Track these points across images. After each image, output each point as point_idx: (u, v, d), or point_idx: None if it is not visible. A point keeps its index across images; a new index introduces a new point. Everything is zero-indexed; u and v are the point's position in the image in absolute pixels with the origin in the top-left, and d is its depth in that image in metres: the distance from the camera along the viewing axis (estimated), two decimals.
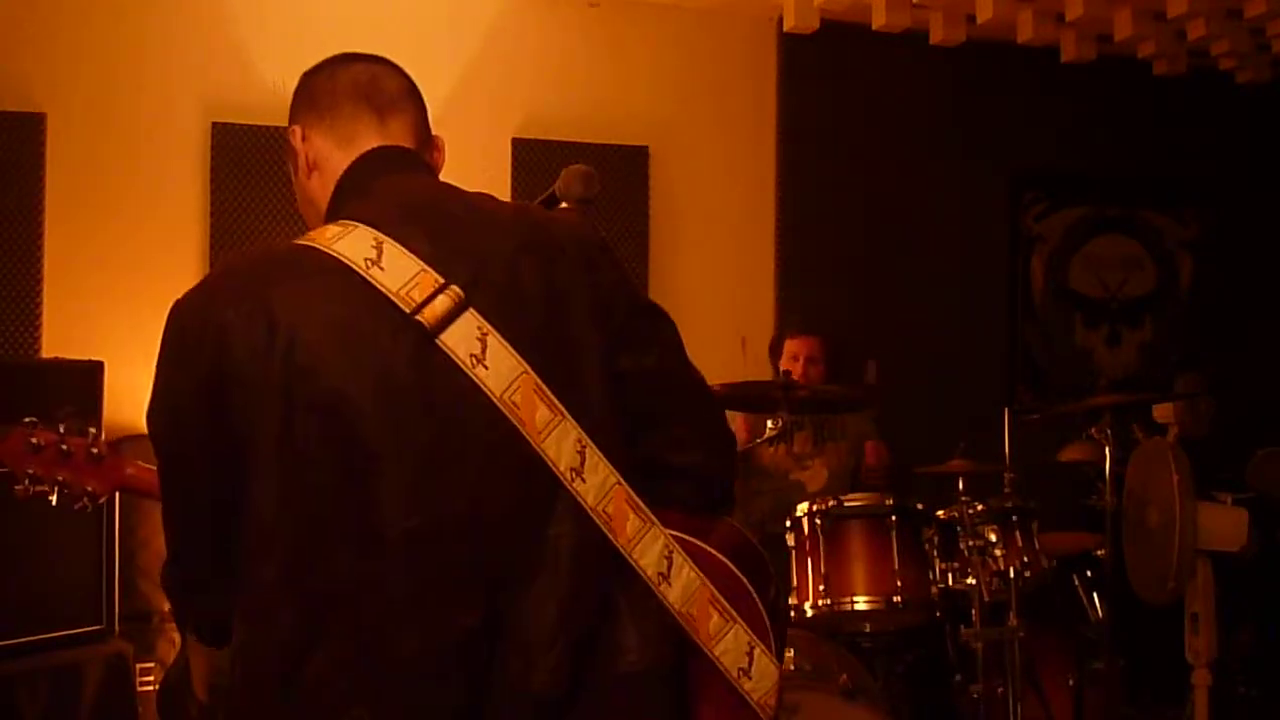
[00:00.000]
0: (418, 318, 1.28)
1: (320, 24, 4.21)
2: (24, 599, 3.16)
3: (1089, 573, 3.97)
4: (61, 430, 1.68)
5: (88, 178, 3.95)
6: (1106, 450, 3.70)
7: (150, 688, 3.53)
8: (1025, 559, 3.41)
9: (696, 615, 1.37)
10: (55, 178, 3.88)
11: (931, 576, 3.31)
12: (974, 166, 5.08)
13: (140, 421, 1.75)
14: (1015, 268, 5.33)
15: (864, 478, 4.14)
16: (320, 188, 1.49)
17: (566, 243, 1.42)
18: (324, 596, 1.26)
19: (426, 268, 1.31)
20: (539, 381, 1.30)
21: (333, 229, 1.36)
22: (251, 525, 1.29)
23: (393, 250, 1.31)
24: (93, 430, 1.71)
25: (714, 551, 1.43)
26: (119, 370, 3.51)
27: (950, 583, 3.33)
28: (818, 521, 3.27)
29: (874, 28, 4.37)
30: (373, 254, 1.31)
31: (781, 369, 4.30)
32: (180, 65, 4.07)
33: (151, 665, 3.62)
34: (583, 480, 1.31)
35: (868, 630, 3.41)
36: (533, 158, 4.42)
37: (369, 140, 1.48)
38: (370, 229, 1.33)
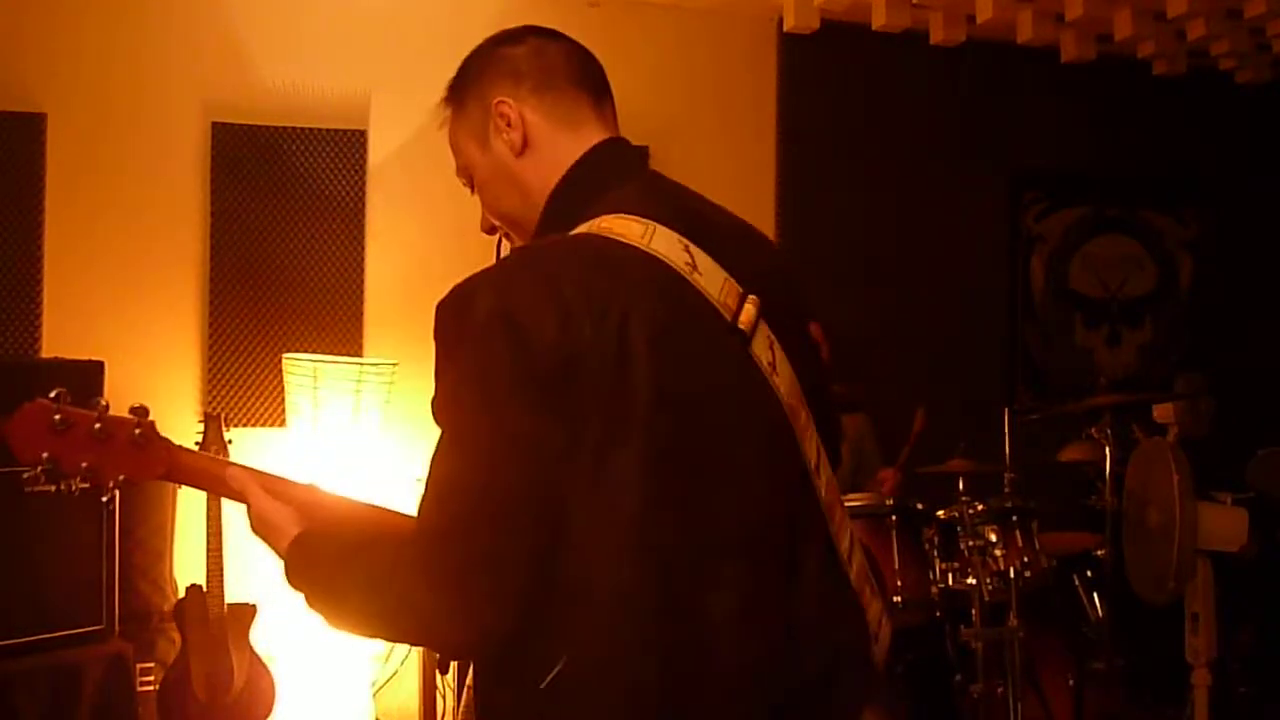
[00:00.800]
0: (738, 325, 1.30)
1: (320, 24, 4.21)
2: (24, 599, 3.16)
3: (1089, 573, 3.98)
4: (101, 407, 1.44)
5: (88, 178, 3.95)
6: (1106, 450, 3.71)
7: (150, 688, 3.52)
8: (1025, 559, 3.41)
9: (861, 590, 1.44)
10: (55, 178, 3.88)
11: (931, 576, 3.31)
12: (974, 166, 5.09)
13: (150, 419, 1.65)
14: (1015, 268, 5.33)
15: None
16: (535, 169, 1.41)
17: (787, 260, 1.54)
18: (679, 605, 1.24)
19: (729, 276, 1.31)
20: (799, 387, 1.36)
21: (635, 225, 1.29)
22: (607, 527, 1.21)
23: (701, 256, 1.31)
24: (138, 407, 1.46)
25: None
26: (119, 370, 3.52)
27: (950, 583, 3.33)
28: None
29: (874, 28, 4.37)
30: (688, 257, 1.29)
31: None
32: (180, 65, 4.06)
33: (151, 665, 3.62)
34: (819, 476, 1.38)
35: None
36: None
37: (592, 127, 1.45)
38: (669, 230, 1.30)
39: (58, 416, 1.40)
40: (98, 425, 1.43)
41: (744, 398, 1.32)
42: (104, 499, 1.51)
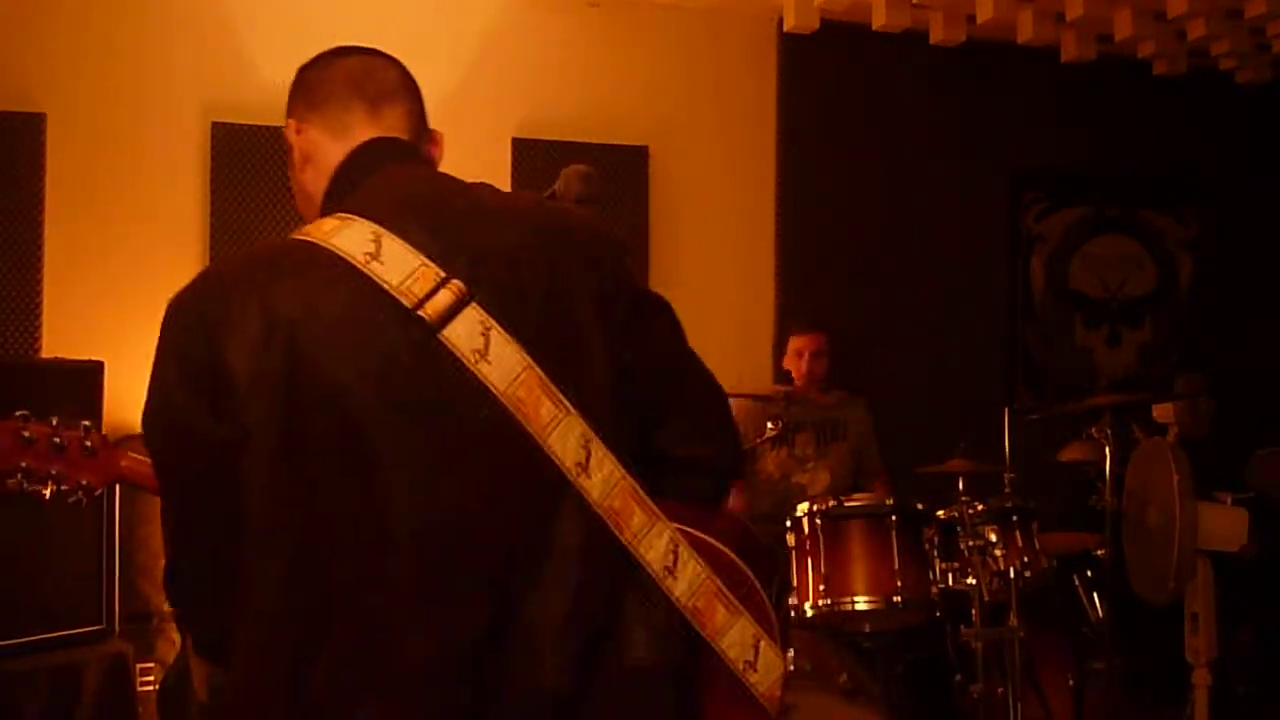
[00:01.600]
0: (420, 312, 1.26)
1: (319, 24, 4.20)
2: (24, 599, 3.16)
3: (1089, 573, 3.97)
4: (54, 423, 1.66)
5: (88, 178, 3.95)
6: (1106, 450, 3.70)
7: (150, 688, 3.53)
8: (1025, 559, 3.41)
9: (703, 608, 1.36)
10: (55, 178, 3.89)
11: (931, 576, 3.31)
12: (974, 166, 5.08)
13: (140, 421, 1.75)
14: (1015, 268, 5.33)
15: None
16: (314, 181, 1.47)
17: (569, 235, 1.40)
18: (330, 598, 1.24)
19: (427, 262, 1.28)
20: (543, 376, 1.29)
21: (330, 223, 1.33)
22: (251, 527, 1.25)
23: (392, 244, 1.29)
24: (86, 423, 1.69)
25: (718, 544, 1.42)
26: (119, 370, 3.51)
27: (950, 583, 3.33)
28: (818, 521, 3.28)
29: (874, 28, 4.37)
30: (371, 248, 1.28)
31: (785, 367, 4.33)
32: (180, 65, 4.07)
33: (151, 665, 3.62)
34: (588, 476, 1.30)
35: (868, 630, 3.41)
36: (533, 158, 4.42)
37: (363, 132, 1.46)
38: (368, 222, 1.31)
39: (26, 433, 1.63)
40: (55, 439, 1.65)
41: (417, 388, 1.26)
42: (71, 501, 1.70)
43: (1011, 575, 3.32)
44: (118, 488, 3.35)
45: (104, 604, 3.30)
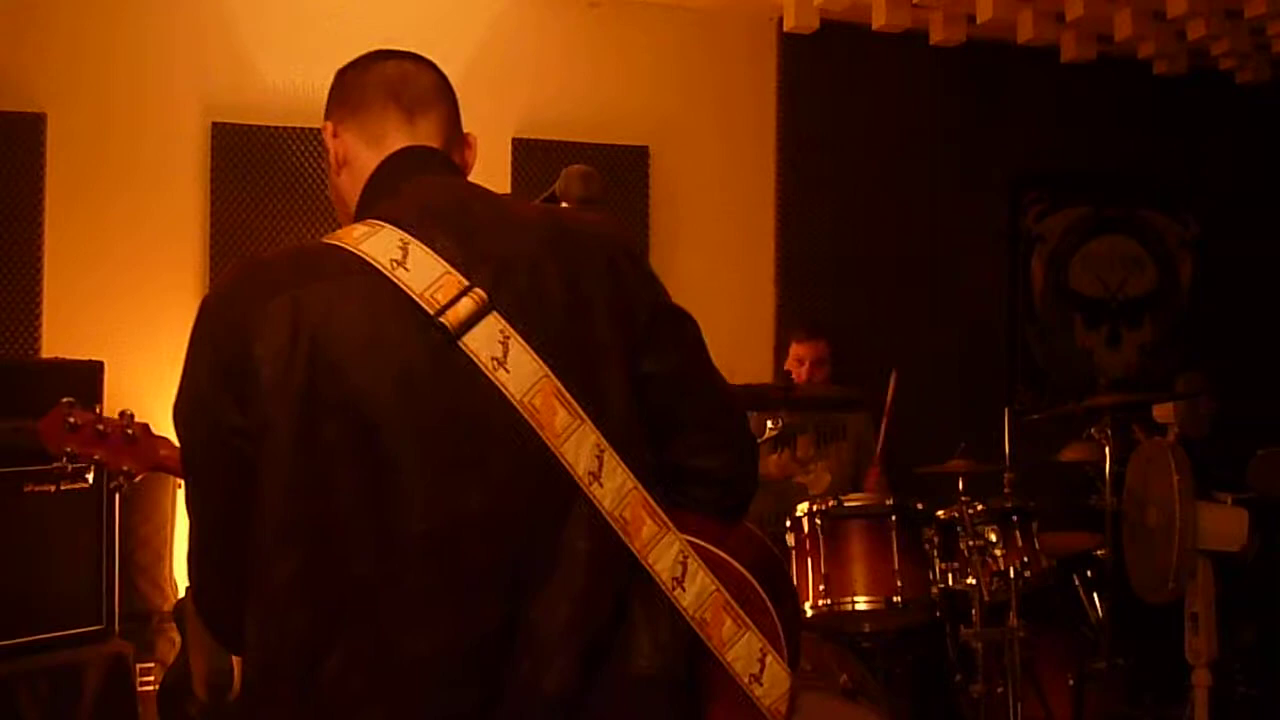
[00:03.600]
0: (441, 320, 1.28)
1: (319, 24, 4.20)
2: (24, 599, 3.16)
3: (1089, 573, 3.97)
4: (98, 411, 1.78)
5: (88, 178, 3.95)
6: (1106, 450, 3.70)
7: (150, 688, 3.53)
8: (1025, 559, 3.41)
9: (710, 620, 1.38)
10: (55, 178, 3.88)
11: (931, 576, 3.31)
12: (974, 166, 5.08)
13: (141, 421, 1.77)
14: (1015, 268, 5.32)
15: None
16: (349, 185, 1.50)
17: (591, 245, 1.42)
18: (341, 596, 1.26)
19: (451, 270, 1.31)
20: (559, 385, 1.31)
21: (360, 229, 1.36)
22: (267, 522, 1.28)
23: (418, 252, 1.32)
24: (129, 412, 1.78)
25: (728, 557, 1.43)
26: (119, 370, 3.51)
27: (950, 583, 3.33)
28: (818, 521, 3.28)
29: (874, 28, 4.37)
30: (398, 255, 1.31)
31: (785, 369, 4.33)
32: (180, 65, 4.06)
33: (151, 665, 3.62)
34: (600, 485, 1.32)
35: (868, 630, 3.41)
36: (533, 158, 4.42)
37: (397, 139, 1.48)
38: (397, 229, 1.34)
39: (71, 419, 1.75)
40: (99, 426, 1.75)
41: (435, 394, 1.29)
42: (113, 486, 1.82)
43: (1011, 575, 3.32)
44: (117, 489, 3.36)
45: (104, 604, 3.30)
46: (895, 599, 3.20)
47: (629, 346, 1.38)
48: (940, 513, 3.42)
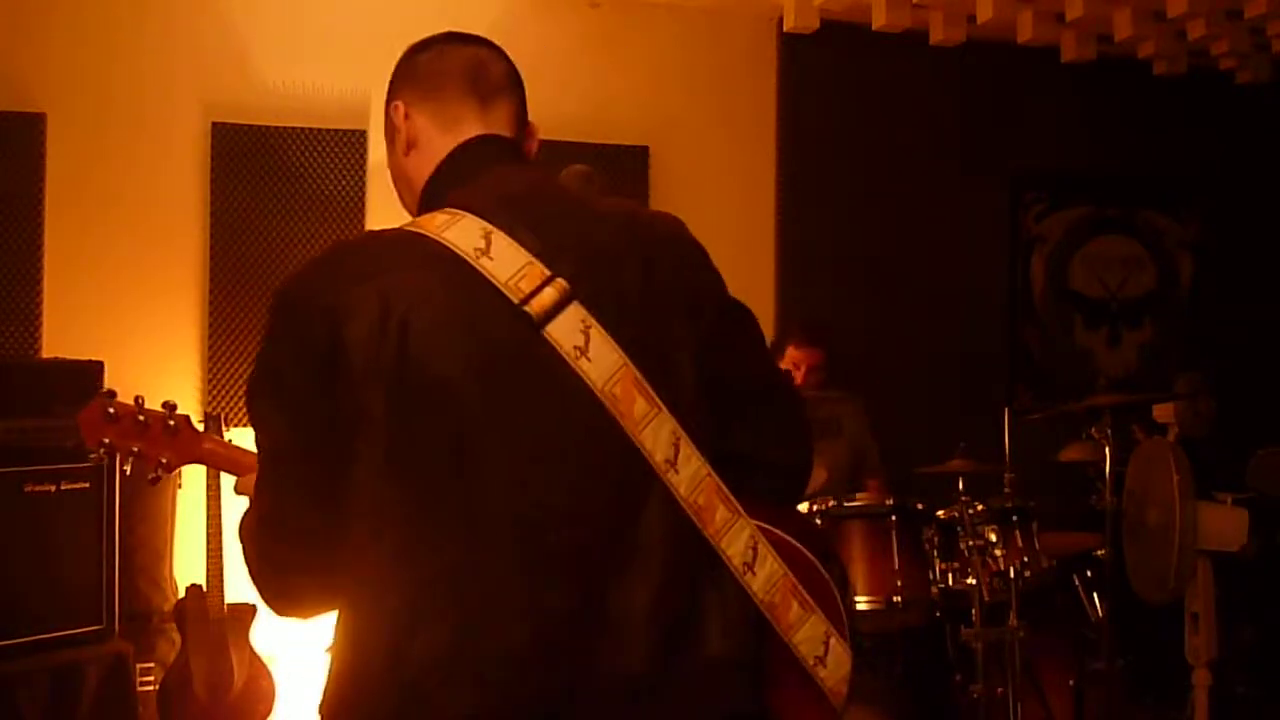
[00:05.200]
0: (526, 308, 1.31)
1: (319, 24, 4.21)
2: (24, 599, 3.16)
3: (1089, 573, 3.97)
4: (138, 401, 1.74)
5: (88, 178, 3.95)
6: (1106, 450, 3.70)
7: (150, 688, 3.53)
8: (1025, 559, 3.41)
9: (778, 604, 1.40)
10: (55, 178, 3.88)
11: (931, 576, 3.31)
12: (974, 166, 5.08)
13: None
14: (1015, 268, 5.32)
15: None
16: (417, 167, 1.51)
17: (664, 239, 1.46)
18: (431, 578, 1.29)
19: (533, 259, 1.33)
20: (638, 374, 1.34)
21: (440, 217, 1.38)
22: (362, 507, 1.30)
23: (501, 241, 1.34)
24: (171, 403, 1.79)
25: (795, 542, 1.46)
26: (119, 370, 3.52)
27: (950, 583, 3.33)
28: (818, 521, 3.28)
29: (874, 28, 4.37)
30: (482, 244, 1.34)
31: (784, 370, 4.33)
32: (180, 65, 4.06)
33: (151, 665, 3.62)
34: (676, 471, 1.34)
35: (867, 630, 3.41)
36: None
37: (471, 127, 1.50)
38: (478, 219, 1.36)
39: (110, 410, 1.72)
40: (140, 417, 1.74)
41: (522, 382, 1.32)
42: (150, 479, 1.80)
43: (1011, 575, 3.32)
44: (117, 490, 3.36)
45: (104, 604, 3.30)
46: (895, 599, 3.21)
47: (698, 339, 1.42)
48: (940, 513, 3.42)
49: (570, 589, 1.30)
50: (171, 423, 1.76)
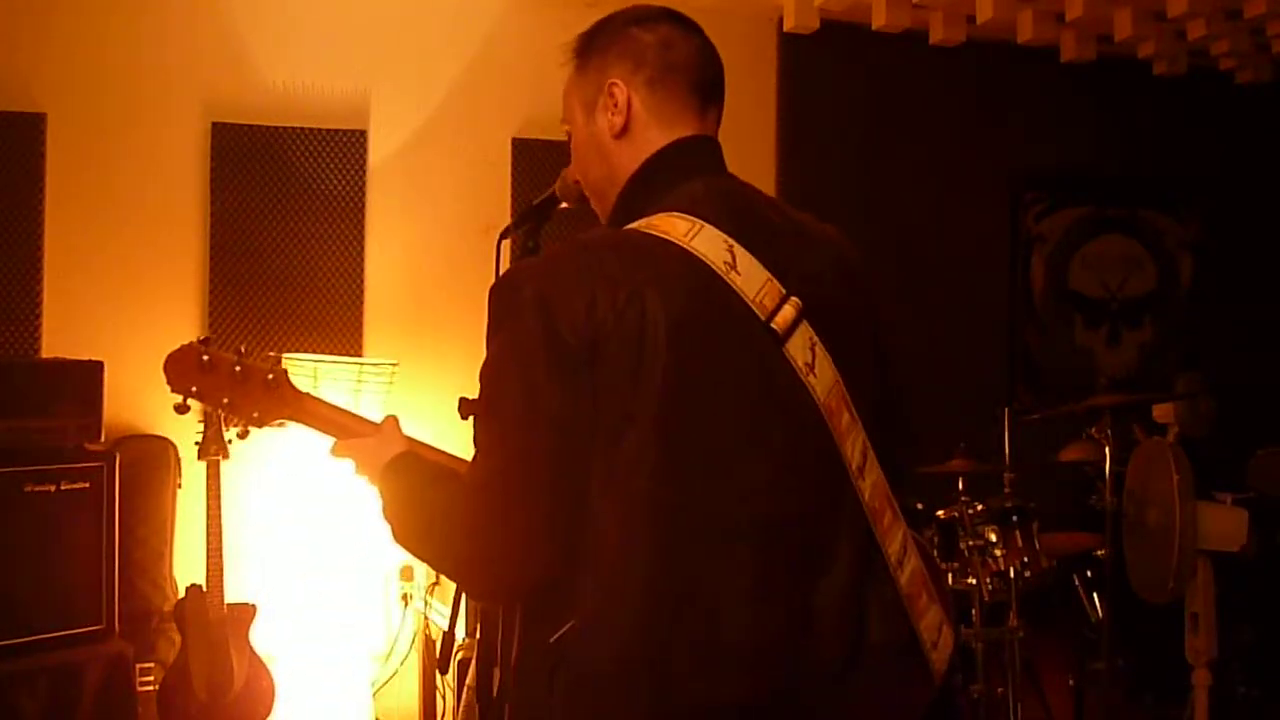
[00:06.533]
0: (772, 324, 1.37)
1: (320, 24, 4.21)
2: (24, 599, 3.16)
3: (1089, 573, 3.97)
4: (240, 351, 1.69)
5: (88, 178, 3.95)
6: (1106, 450, 3.70)
7: (150, 688, 3.53)
8: (1025, 559, 3.41)
9: (914, 595, 1.49)
10: (55, 178, 3.88)
11: None
12: (974, 166, 5.08)
13: (141, 421, 1.75)
14: (1015, 268, 5.33)
15: None
16: (626, 154, 1.50)
17: (855, 264, 1.55)
18: (685, 579, 1.33)
19: (772, 277, 1.39)
20: (844, 389, 1.42)
21: (681, 224, 1.39)
22: (617, 505, 1.32)
23: (744, 256, 1.38)
24: (273, 355, 1.76)
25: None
26: (119, 370, 3.52)
27: (950, 583, 3.33)
28: None
29: (874, 28, 4.37)
30: (729, 257, 1.37)
31: None
32: (180, 65, 4.06)
33: (151, 665, 3.62)
34: (863, 478, 1.44)
35: None
36: (533, 158, 4.42)
37: (688, 125, 1.51)
38: (716, 229, 1.38)
39: (205, 357, 1.64)
40: (238, 368, 1.65)
41: (768, 394, 1.38)
42: (238, 431, 1.76)
43: (1011, 575, 3.32)
44: (117, 490, 3.36)
45: (104, 604, 3.30)
46: None
47: (876, 354, 1.53)
48: (940, 513, 3.42)
49: (795, 587, 1.39)
50: (271, 376, 1.67)
